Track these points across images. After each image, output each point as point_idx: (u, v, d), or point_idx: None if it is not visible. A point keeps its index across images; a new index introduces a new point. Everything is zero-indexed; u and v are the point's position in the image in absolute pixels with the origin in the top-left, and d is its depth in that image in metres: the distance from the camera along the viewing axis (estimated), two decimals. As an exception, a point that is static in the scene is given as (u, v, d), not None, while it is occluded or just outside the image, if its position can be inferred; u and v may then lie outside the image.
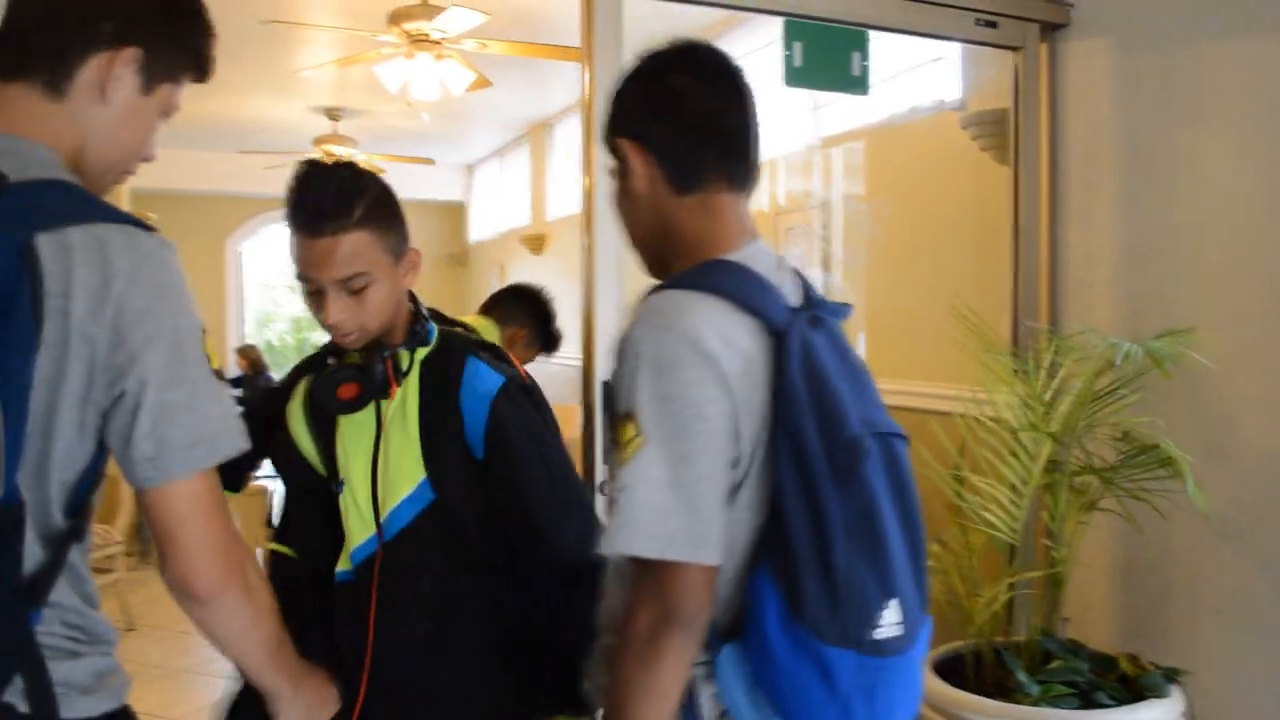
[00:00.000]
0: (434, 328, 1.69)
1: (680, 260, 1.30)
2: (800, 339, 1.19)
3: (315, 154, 8.05)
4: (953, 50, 3.70)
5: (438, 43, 4.93)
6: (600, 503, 2.05)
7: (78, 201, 1.09)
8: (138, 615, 5.30)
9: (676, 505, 1.14)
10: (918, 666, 1.28)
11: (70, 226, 1.05)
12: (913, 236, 3.91)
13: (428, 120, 7.01)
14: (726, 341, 1.17)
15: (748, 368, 1.18)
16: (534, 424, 1.66)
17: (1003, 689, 2.50)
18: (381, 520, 1.61)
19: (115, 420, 1.08)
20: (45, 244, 1.03)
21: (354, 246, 1.52)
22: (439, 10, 4.62)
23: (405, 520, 1.61)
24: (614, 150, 1.34)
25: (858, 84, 2.95)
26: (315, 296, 1.56)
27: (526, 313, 2.93)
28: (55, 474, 1.09)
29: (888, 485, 1.21)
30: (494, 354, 1.71)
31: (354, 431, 1.64)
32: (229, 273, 11.11)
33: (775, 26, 2.89)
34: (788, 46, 2.82)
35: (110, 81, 1.15)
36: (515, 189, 9.47)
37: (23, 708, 1.05)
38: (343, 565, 1.65)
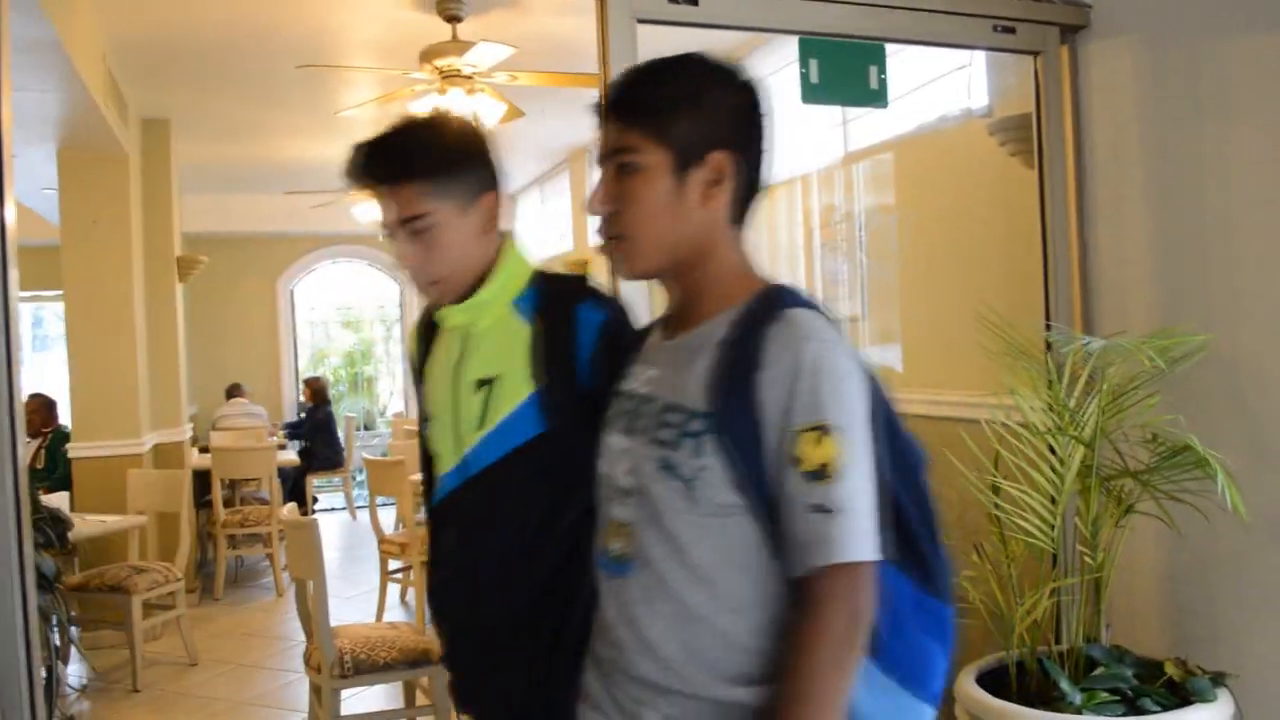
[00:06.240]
0: None
1: (710, 281, 1.32)
2: None
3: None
4: (978, 57, 3.70)
5: (469, 77, 5.00)
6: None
7: None
8: (201, 650, 5.42)
9: (875, 509, 1.21)
10: None
11: None
12: (943, 245, 3.89)
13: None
14: None
15: None
16: None
17: (1046, 699, 2.47)
18: None
19: None
20: None
21: None
22: (469, 46, 4.70)
23: None
24: (695, 155, 1.29)
25: (876, 97, 2.95)
26: None
27: None
28: None
29: None
30: None
31: None
32: (281, 310, 11.32)
33: (794, 46, 2.92)
34: (804, 64, 2.84)
35: None
36: (558, 216, 9.56)
37: None
38: None
